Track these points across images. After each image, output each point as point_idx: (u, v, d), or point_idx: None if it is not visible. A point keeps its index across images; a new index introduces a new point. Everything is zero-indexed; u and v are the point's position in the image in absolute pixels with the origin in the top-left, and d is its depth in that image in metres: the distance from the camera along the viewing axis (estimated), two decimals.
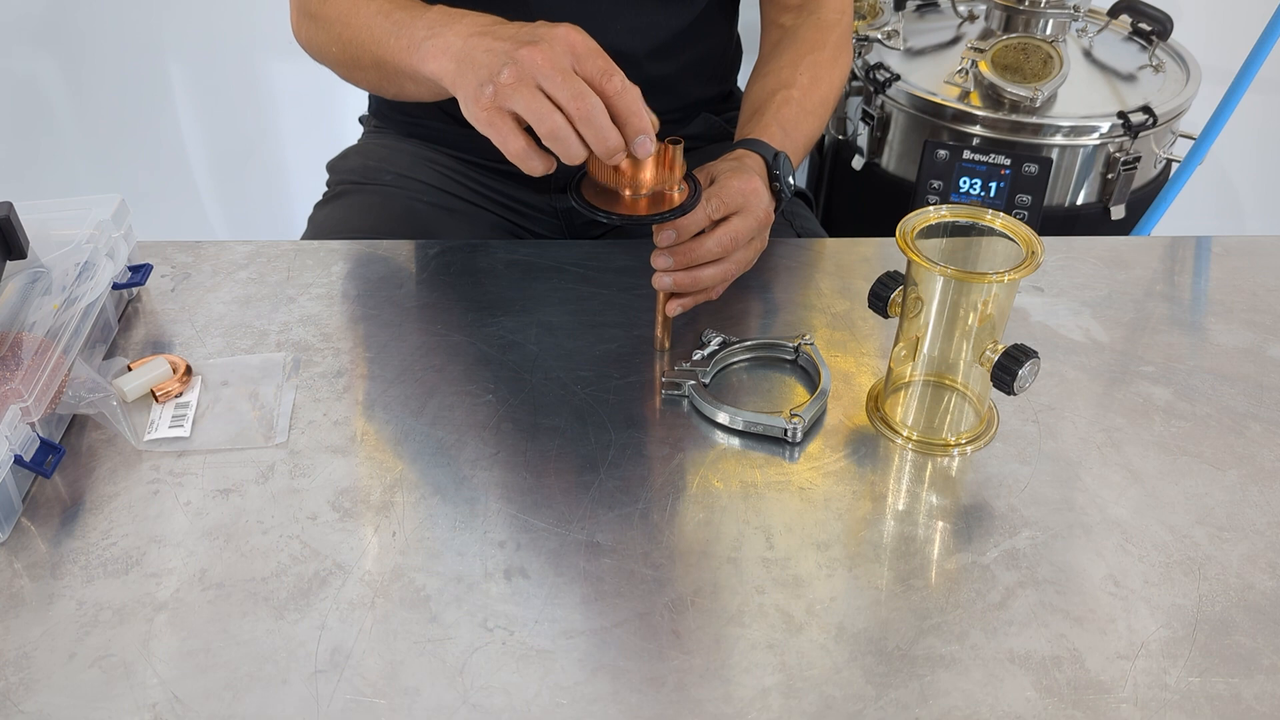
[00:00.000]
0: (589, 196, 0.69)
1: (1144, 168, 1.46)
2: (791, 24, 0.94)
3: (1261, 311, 0.83)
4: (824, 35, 0.92)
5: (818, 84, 0.89)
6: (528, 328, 0.78)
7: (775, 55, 0.93)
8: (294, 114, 1.88)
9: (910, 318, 0.67)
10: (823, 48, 0.91)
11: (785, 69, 0.90)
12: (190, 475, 0.66)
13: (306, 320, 0.79)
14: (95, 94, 1.81)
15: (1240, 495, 0.65)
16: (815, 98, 0.89)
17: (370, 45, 0.80)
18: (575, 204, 0.68)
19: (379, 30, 0.78)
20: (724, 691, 0.53)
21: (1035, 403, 0.72)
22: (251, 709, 0.52)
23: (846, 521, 0.63)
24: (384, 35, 0.77)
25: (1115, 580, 0.59)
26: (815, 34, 0.92)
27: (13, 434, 0.61)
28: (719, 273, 0.75)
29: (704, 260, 0.73)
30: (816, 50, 0.91)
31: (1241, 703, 0.53)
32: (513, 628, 0.56)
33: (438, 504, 0.64)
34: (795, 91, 0.87)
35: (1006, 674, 0.54)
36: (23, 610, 0.57)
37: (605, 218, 0.67)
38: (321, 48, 0.88)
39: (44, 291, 0.71)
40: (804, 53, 0.91)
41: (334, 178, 1.08)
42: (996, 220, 0.66)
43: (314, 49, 0.89)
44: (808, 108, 0.88)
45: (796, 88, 0.88)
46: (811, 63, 0.90)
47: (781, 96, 0.86)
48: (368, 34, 0.80)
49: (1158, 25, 1.51)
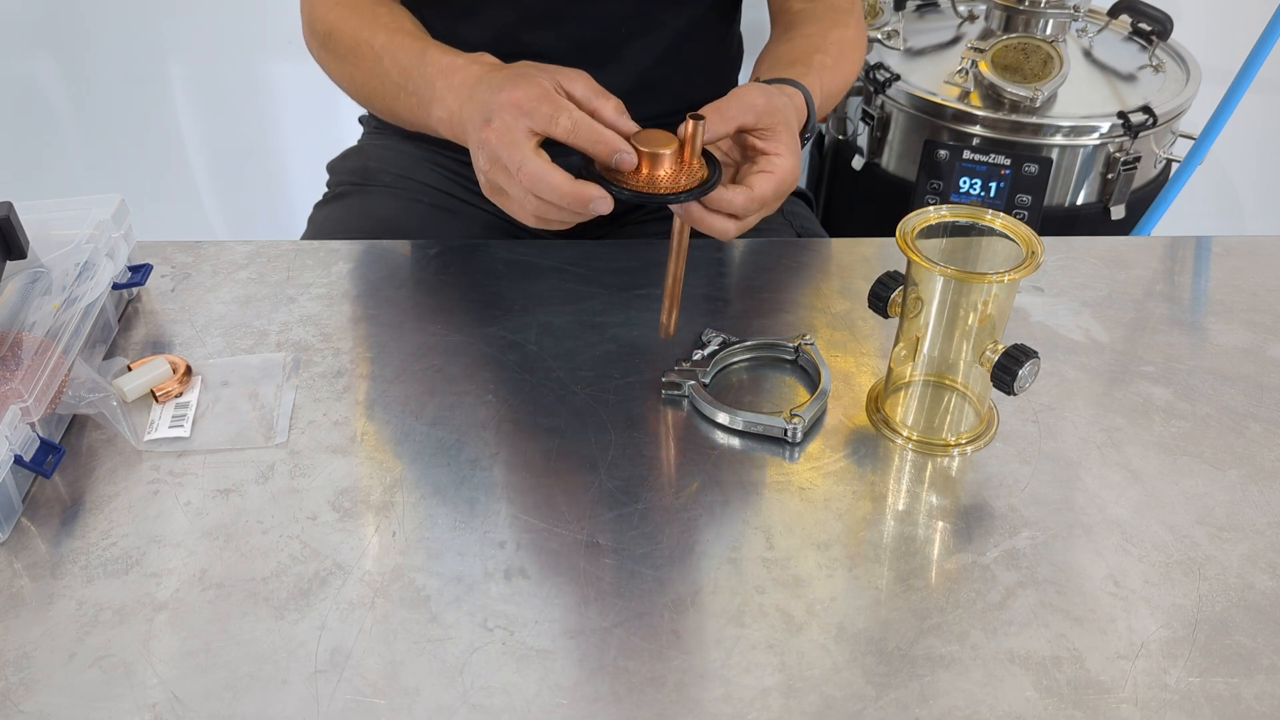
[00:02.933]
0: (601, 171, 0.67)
1: (1144, 168, 1.46)
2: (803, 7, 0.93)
3: (1261, 311, 0.83)
4: (843, 17, 0.90)
5: (843, 60, 0.87)
6: (528, 328, 0.78)
7: (799, 25, 0.89)
8: (294, 114, 1.88)
9: (910, 318, 0.67)
10: (845, 26, 0.89)
11: (814, 36, 0.86)
12: (190, 475, 0.66)
13: (306, 320, 0.79)
14: (95, 94, 1.81)
15: (1240, 495, 0.65)
16: (840, 74, 0.86)
17: (383, 95, 0.82)
18: (587, 175, 0.66)
19: (389, 85, 0.79)
20: (724, 691, 0.53)
21: (1035, 403, 0.72)
22: (251, 709, 0.52)
23: (846, 521, 0.63)
24: (394, 91, 0.79)
25: (1115, 580, 0.59)
26: (833, 15, 0.90)
27: (13, 434, 0.61)
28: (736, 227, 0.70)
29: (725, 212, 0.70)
30: (840, 28, 0.89)
31: (1241, 703, 0.53)
32: (513, 628, 0.56)
33: (438, 504, 0.64)
34: (829, 59, 0.84)
35: (1006, 674, 0.54)
36: (23, 610, 0.57)
37: (618, 192, 0.65)
38: (334, 79, 0.89)
39: (44, 291, 0.71)
40: (828, 27, 0.88)
41: (334, 178, 1.08)
42: (996, 220, 0.66)
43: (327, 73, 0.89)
44: (837, 78, 0.85)
45: (829, 55, 0.84)
46: (838, 38, 0.87)
47: (819, 60, 0.83)
48: (377, 82, 0.81)
49: (1158, 25, 1.51)
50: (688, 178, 0.67)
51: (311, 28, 0.88)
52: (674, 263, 0.70)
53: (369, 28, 0.82)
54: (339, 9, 0.85)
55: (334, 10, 0.85)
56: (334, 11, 0.85)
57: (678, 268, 0.71)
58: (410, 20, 0.84)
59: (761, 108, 0.68)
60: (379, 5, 0.85)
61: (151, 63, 1.80)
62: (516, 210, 0.68)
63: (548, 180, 0.63)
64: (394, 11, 0.84)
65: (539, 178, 0.63)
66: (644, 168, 0.66)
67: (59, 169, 1.88)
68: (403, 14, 0.84)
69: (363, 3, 0.85)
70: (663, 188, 0.66)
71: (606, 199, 0.64)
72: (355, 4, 0.85)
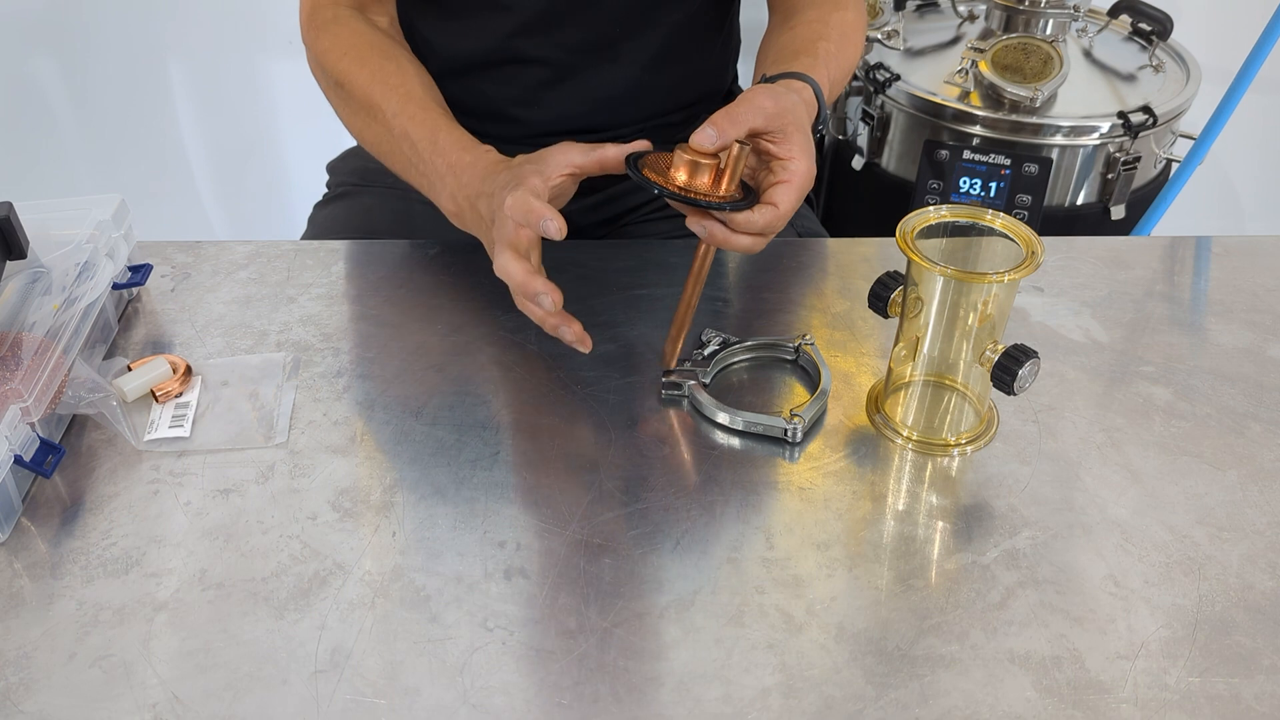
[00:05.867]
0: (645, 171, 0.68)
1: (1144, 168, 1.46)
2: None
3: (1261, 311, 0.83)
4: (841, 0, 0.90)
5: (845, 45, 0.86)
6: (528, 328, 0.78)
7: (799, 11, 0.89)
8: (294, 114, 1.88)
9: (910, 318, 0.67)
10: (845, 8, 0.88)
11: (815, 23, 0.86)
12: (190, 475, 0.66)
13: (306, 320, 0.79)
14: (95, 94, 1.81)
15: (1240, 495, 0.65)
16: (845, 59, 0.86)
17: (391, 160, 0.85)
18: (631, 173, 0.69)
19: (399, 155, 0.83)
20: (724, 691, 0.53)
21: (1035, 403, 0.72)
22: (251, 709, 0.52)
23: (846, 521, 0.63)
24: (404, 163, 0.83)
25: (1115, 580, 0.59)
26: None
27: (13, 434, 0.61)
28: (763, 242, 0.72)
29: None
30: (840, 9, 0.88)
31: (1241, 703, 0.53)
32: (513, 628, 0.56)
33: (438, 504, 0.64)
34: (832, 45, 0.84)
35: (1006, 674, 0.54)
36: (23, 610, 0.57)
37: (661, 191, 0.66)
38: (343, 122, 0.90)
39: (44, 291, 0.71)
40: (828, 10, 0.88)
41: (334, 179, 1.08)
42: (996, 220, 0.66)
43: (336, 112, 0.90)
44: (842, 64, 0.85)
45: (832, 41, 0.84)
46: (839, 21, 0.87)
47: (823, 47, 0.83)
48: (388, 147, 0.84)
49: (1158, 25, 1.50)
50: (725, 194, 0.68)
51: (321, 69, 0.87)
52: (690, 290, 0.71)
53: (379, 89, 0.82)
54: (346, 61, 0.84)
55: (342, 61, 0.85)
56: (342, 62, 0.85)
57: (693, 296, 0.71)
58: (418, 80, 0.83)
59: (771, 110, 0.69)
60: (386, 61, 0.84)
61: (151, 63, 1.80)
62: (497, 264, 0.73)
63: (507, 268, 0.70)
64: (401, 69, 0.84)
65: (504, 266, 0.70)
66: (684, 174, 0.67)
67: (59, 169, 1.88)
68: (410, 71, 0.84)
69: (370, 56, 0.84)
70: (700, 194, 0.67)
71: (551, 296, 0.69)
72: (363, 57, 0.84)
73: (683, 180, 0.67)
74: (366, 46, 0.85)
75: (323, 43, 0.87)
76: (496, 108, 0.94)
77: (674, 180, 0.67)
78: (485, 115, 0.92)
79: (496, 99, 0.93)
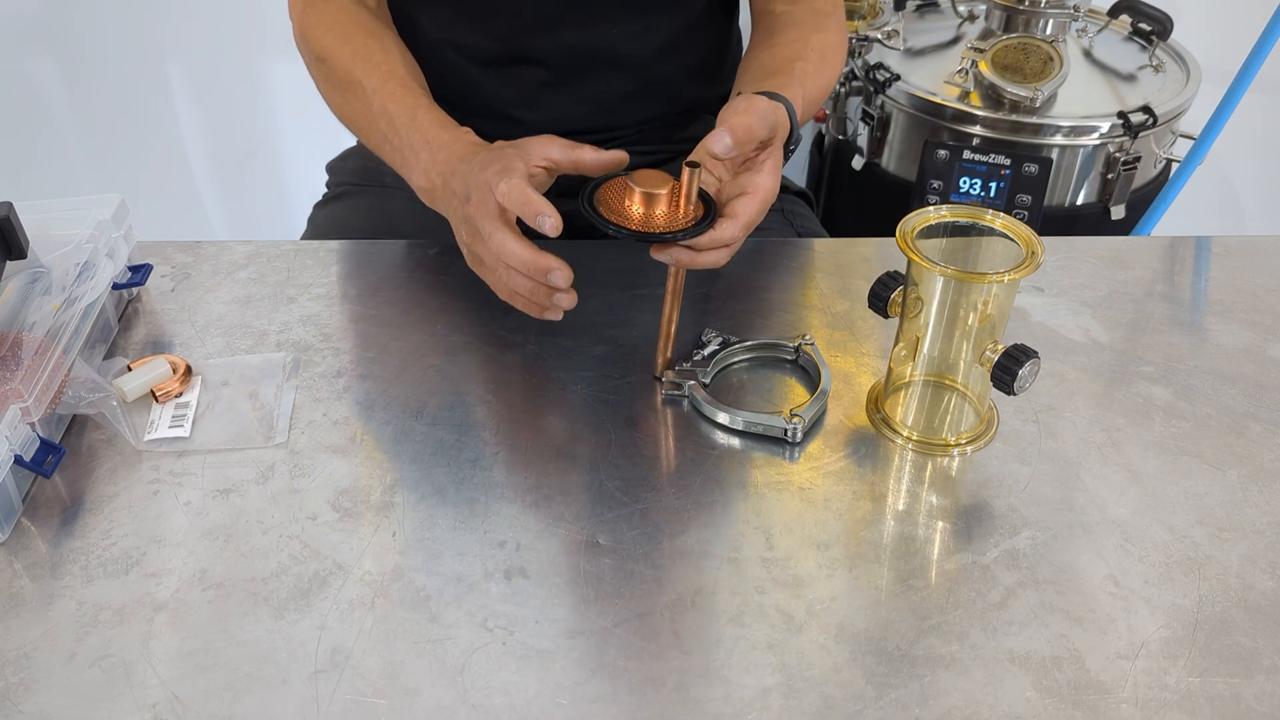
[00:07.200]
0: (600, 209, 0.68)
1: (1144, 168, 1.46)
2: (785, 10, 0.93)
3: (1261, 311, 0.83)
4: (824, 20, 0.91)
5: (824, 66, 0.87)
6: (528, 328, 0.78)
7: (780, 31, 0.90)
8: (294, 114, 1.88)
9: (910, 318, 0.67)
10: (825, 30, 0.90)
11: (795, 43, 0.87)
12: (190, 475, 0.66)
13: (306, 320, 0.79)
14: (95, 94, 1.81)
15: (1240, 495, 0.65)
16: (822, 79, 0.87)
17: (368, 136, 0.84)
18: (585, 213, 0.68)
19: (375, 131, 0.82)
20: (724, 691, 0.53)
21: (1035, 403, 0.72)
22: (251, 709, 0.52)
23: (846, 521, 0.63)
24: (379, 138, 0.82)
25: (1115, 580, 0.59)
26: (814, 18, 0.91)
27: (13, 434, 0.61)
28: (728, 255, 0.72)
29: None
30: (820, 31, 0.89)
31: (1241, 703, 0.53)
32: (513, 628, 0.56)
33: (438, 504, 0.64)
34: (810, 65, 0.85)
35: (1006, 674, 0.54)
36: (23, 610, 0.57)
37: (615, 231, 0.66)
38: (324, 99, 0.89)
39: (44, 291, 0.71)
40: (809, 32, 0.89)
41: (334, 179, 1.08)
42: (996, 220, 0.66)
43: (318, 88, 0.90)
44: (819, 83, 0.86)
45: (810, 62, 0.85)
46: (819, 43, 0.88)
47: (800, 68, 0.84)
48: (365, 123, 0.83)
49: (1158, 25, 1.51)
50: (684, 219, 0.68)
51: (305, 43, 0.88)
52: (669, 305, 0.72)
53: (361, 65, 0.82)
54: (331, 36, 0.85)
55: (327, 36, 0.85)
56: (327, 38, 0.85)
57: (673, 310, 0.72)
58: (401, 61, 0.84)
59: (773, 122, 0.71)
60: (371, 39, 0.84)
61: (151, 63, 1.80)
62: (493, 281, 0.72)
63: (509, 248, 0.68)
64: (385, 48, 0.84)
65: (504, 245, 0.68)
66: (640, 207, 0.67)
67: (58, 169, 1.88)
68: (394, 51, 0.84)
69: (355, 33, 0.85)
70: (658, 227, 0.67)
71: (563, 271, 0.68)
72: (348, 34, 0.85)
73: (640, 214, 0.67)
74: (351, 24, 0.86)
75: (309, 18, 0.88)
76: (497, 109, 0.94)
77: (630, 214, 0.67)
78: (486, 116, 0.92)
79: (497, 100, 0.93)
